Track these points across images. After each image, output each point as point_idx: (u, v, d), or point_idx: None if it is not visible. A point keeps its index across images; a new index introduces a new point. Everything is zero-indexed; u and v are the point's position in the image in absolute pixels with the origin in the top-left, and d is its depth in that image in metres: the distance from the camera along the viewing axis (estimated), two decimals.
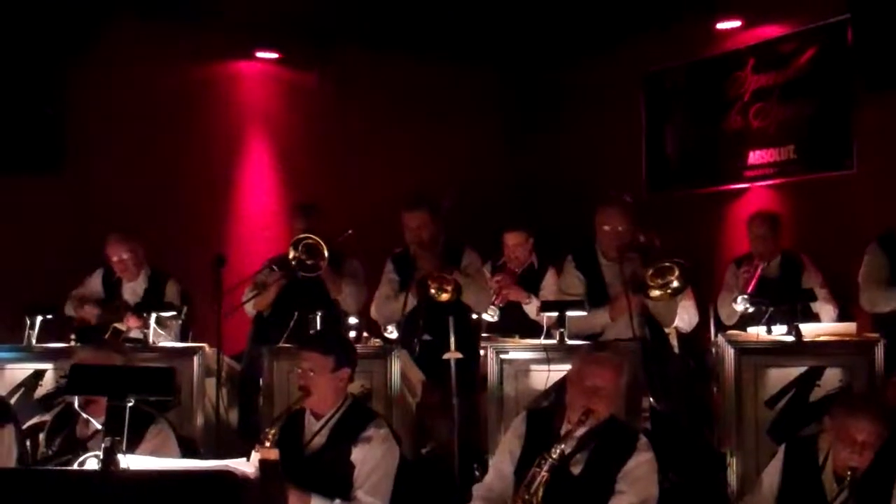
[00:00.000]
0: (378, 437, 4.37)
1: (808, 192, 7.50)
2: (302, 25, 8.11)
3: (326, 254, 6.07)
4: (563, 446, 4.04)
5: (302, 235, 6.16)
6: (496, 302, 6.72)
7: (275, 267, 6.37)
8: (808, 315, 5.98)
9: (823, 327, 5.82)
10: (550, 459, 3.99)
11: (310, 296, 6.22)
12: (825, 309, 6.38)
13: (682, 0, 7.69)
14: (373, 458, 4.32)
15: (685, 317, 6.65)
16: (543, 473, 3.97)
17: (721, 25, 8.05)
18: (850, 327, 5.71)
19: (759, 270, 6.53)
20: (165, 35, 7.97)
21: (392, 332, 6.59)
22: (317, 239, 6.11)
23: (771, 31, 7.78)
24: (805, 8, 7.43)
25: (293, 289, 6.34)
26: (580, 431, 4.13)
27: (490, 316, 6.70)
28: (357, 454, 4.31)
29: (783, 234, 6.79)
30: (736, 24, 7.99)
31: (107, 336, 6.44)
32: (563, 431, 4.14)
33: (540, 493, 3.96)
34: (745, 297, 6.33)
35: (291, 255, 6.13)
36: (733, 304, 6.40)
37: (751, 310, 6.22)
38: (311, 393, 4.38)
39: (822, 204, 7.39)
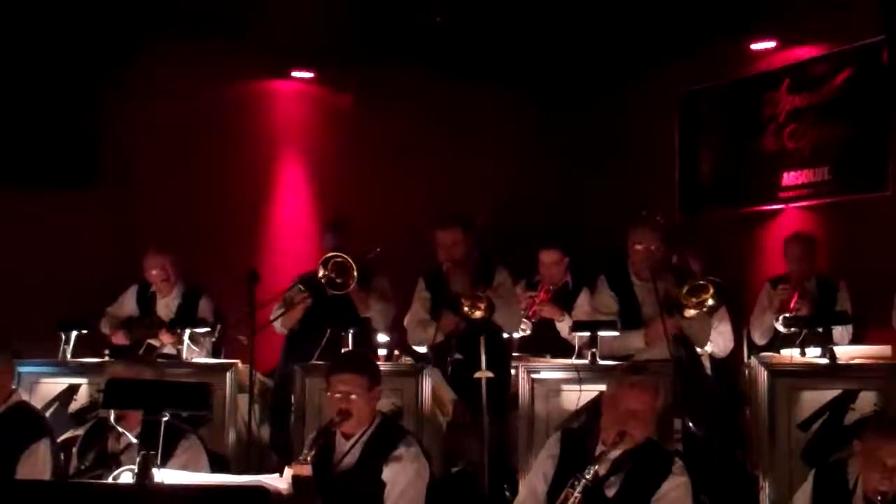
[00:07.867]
0: (408, 455, 4.36)
1: (843, 214, 7.45)
2: (337, 45, 8.16)
3: (355, 273, 6.10)
4: (596, 467, 4.00)
5: (332, 254, 6.20)
6: (530, 319, 6.72)
7: (301, 287, 6.39)
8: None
9: (858, 350, 5.75)
10: (584, 480, 3.95)
11: (342, 312, 6.24)
12: (841, 331, 6.30)
13: (716, 21, 7.67)
14: (404, 478, 4.32)
15: (720, 342, 6.60)
16: (577, 494, 3.93)
17: (756, 46, 8.02)
18: (885, 350, 5.65)
19: (796, 293, 6.47)
20: (201, 53, 8.04)
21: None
22: (346, 257, 6.15)
23: (806, 51, 7.75)
24: (840, 29, 7.39)
25: (325, 306, 6.35)
26: (615, 453, 4.09)
27: (522, 330, 6.68)
28: (388, 473, 4.31)
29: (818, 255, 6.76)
30: (771, 44, 7.96)
31: (141, 352, 6.48)
32: (597, 453, 4.11)
33: None
34: (786, 316, 6.31)
35: (321, 273, 6.16)
36: (775, 324, 6.35)
37: (791, 331, 6.17)
38: (353, 416, 4.37)
39: (857, 225, 7.33)
